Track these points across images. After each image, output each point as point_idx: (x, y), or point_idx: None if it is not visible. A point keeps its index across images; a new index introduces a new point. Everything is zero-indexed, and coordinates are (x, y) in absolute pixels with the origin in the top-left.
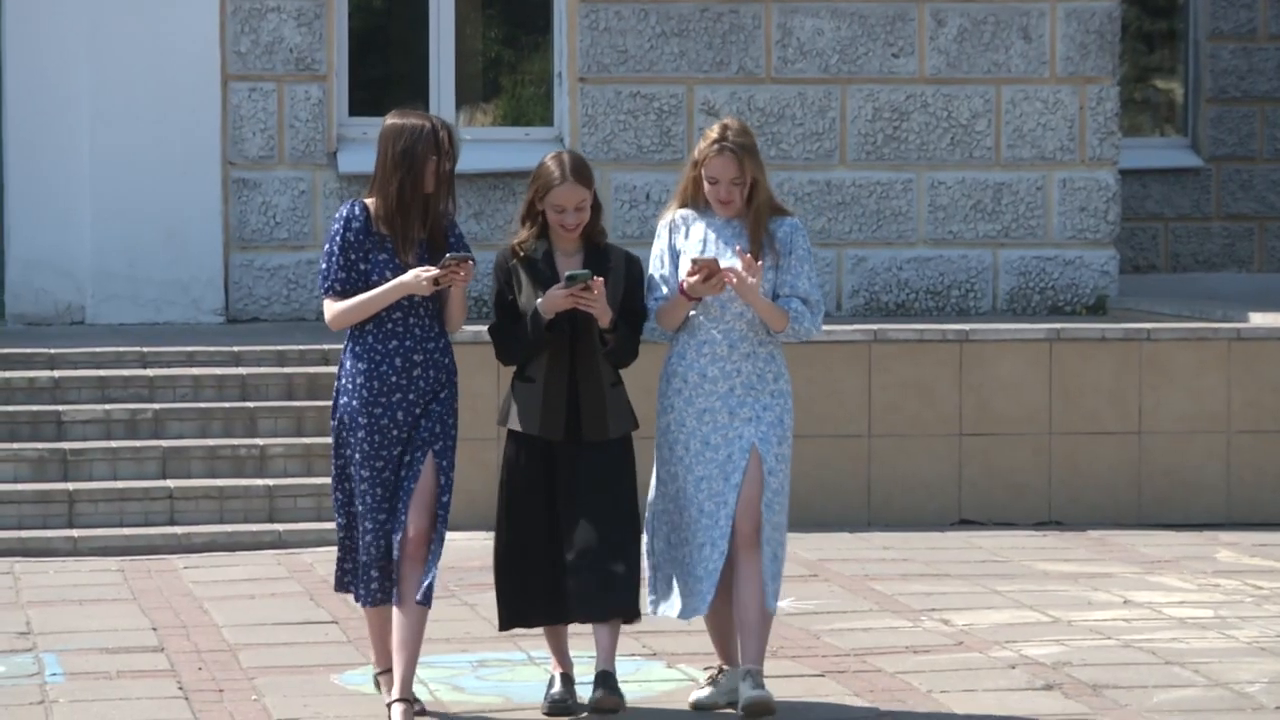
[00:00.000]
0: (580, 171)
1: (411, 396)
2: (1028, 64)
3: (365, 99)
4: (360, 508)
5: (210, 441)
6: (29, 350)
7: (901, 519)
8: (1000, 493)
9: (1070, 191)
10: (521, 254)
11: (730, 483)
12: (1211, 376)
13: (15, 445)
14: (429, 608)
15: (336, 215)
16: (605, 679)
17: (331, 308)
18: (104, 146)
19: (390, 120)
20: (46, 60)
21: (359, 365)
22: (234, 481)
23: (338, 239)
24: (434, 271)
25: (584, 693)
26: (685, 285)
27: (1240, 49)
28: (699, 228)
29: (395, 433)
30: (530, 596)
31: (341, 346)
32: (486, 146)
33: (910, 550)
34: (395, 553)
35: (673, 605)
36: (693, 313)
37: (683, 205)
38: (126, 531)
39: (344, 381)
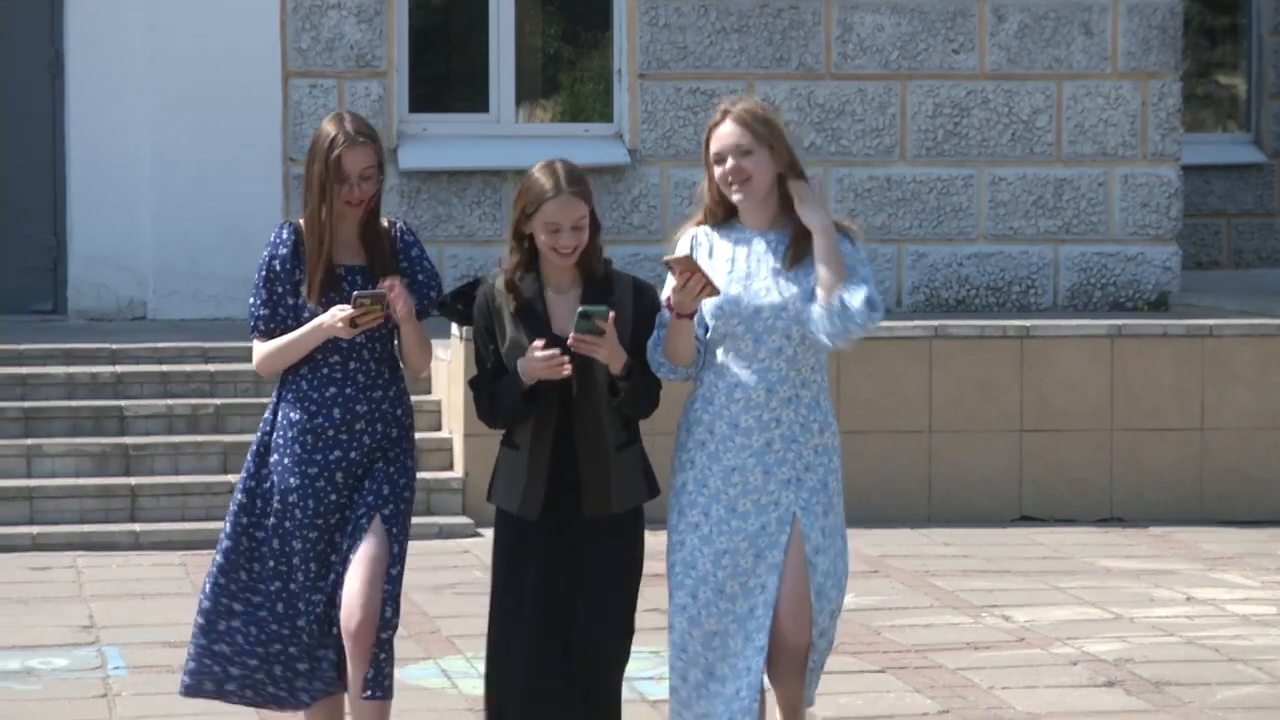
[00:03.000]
0: (577, 182)
1: (354, 455)
2: (1089, 60)
3: (426, 95)
4: (292, 586)
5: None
6: (92, 346)
7: (962, 515)
8: (1061, 489)
9: (1132, 187)
10: (507, 291)
11: (767, 562)
12: (1274, 373)
13: (78, 440)
14: (390, 700)
15: (269, 239)
16: None
17: (257, 351)
18: (165, 143)
19: (322, 122)
20: (108, 57)
21: (290, 415)
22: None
23: (263, 271)
24: (350, 310)
25: None
26: (670, 302)
27: None
28: (724, 245)
29: (334, 497)
30: (510, 697)
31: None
32: (546, 143)
33: (971, 546)
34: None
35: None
36: (726, 351)
37: (705, 221)
38: (188, 526)
39: (274, 435)
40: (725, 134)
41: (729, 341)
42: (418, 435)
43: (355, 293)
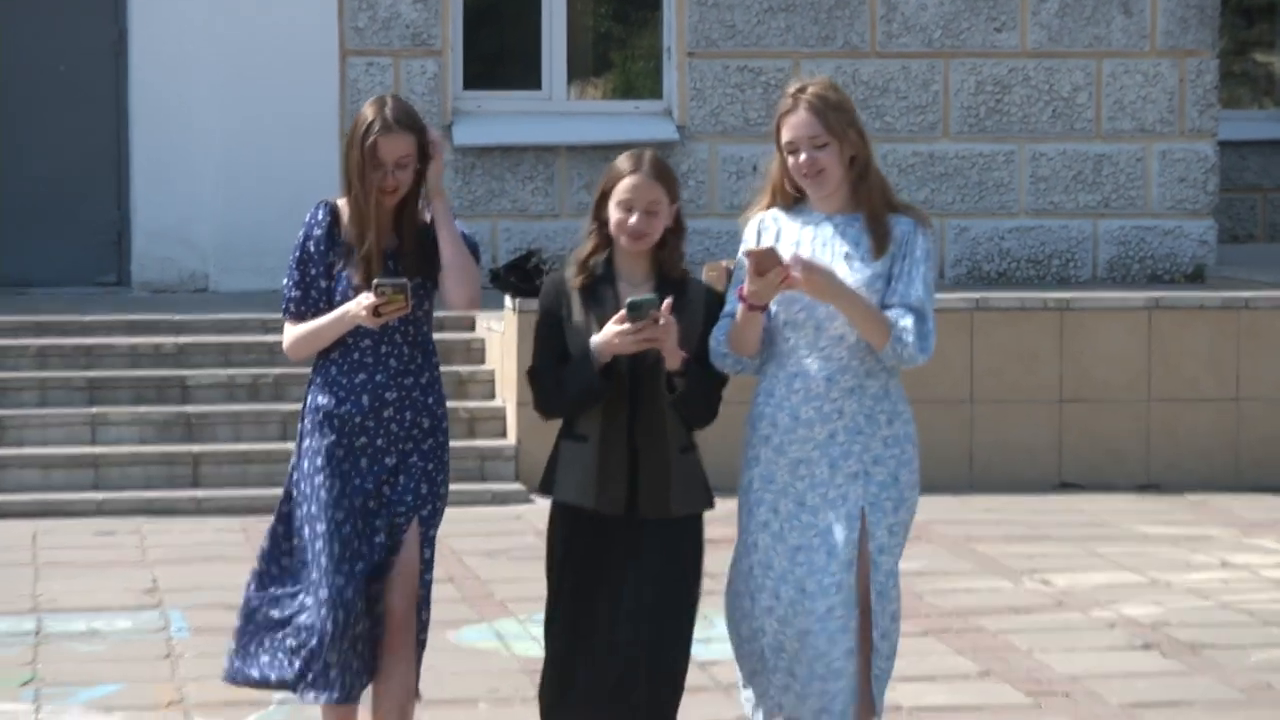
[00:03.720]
0: (658, 167)
1: (380, 442)
2: (1128, 38)
3: (480, 73)
4: (314, 573)
5: None
6: (155, 317)
7: (1003, 482)
8: (1100, 457)
9: (1169, 163)
10: (578, 271)
11: (839, 560)
12: None
13: (142, 409)
14: (419, 700)
15: (305, 218)
16: None
17: (287, 334)
18: (226, 120)
19: (363, 107)
20: (170, 36)
21: (319, 400)
22: None
23: (296, 252)
24: (374, 299)
25: None
26: (744, 292)
27: None
28: (792, 228)
29: (358, 482)
30: (570, 705)
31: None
32: (597, 119)
33: (1011, 513)
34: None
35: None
36: (787, 339)
37: (774, 203)
38: (248, 492)
39: (305, 422)
40: (798, 124)
41: (790, 329)
42: (472, 404)
43: (376, 280)
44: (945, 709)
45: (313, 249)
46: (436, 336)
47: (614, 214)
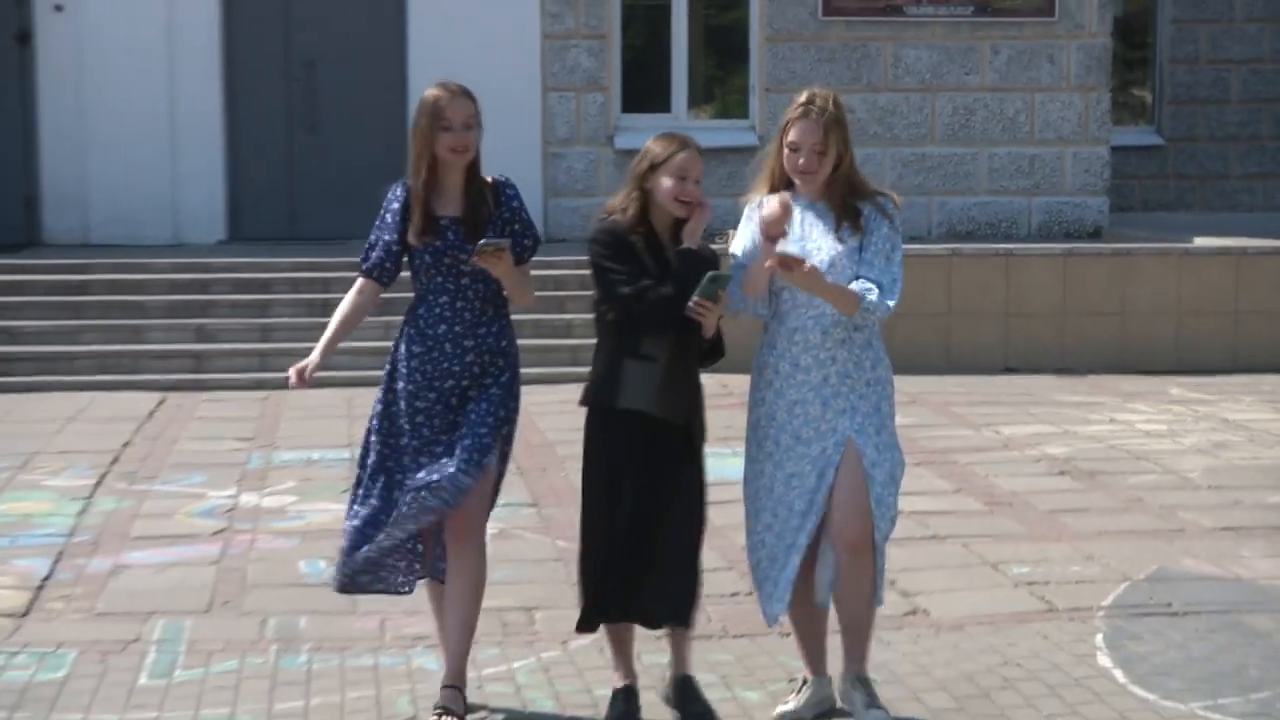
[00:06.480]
0: (698, 149)
1: (465, 382)
2: (1052, 79)
3: (633, 101)
4: (399, 475)
5: (536, 315)
6: None
7: (968, 367)
8: (1032, 351)
9: (1078, 160)
10: (632, 231)
11: (824, 480)
12: (1171, 277)
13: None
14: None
15: (386, 194)
16: (686, 687)
17: (353, 290)
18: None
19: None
20: (438, 75)
21: (411, 348)
22: (550, 340)
23: (377, 222)
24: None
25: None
26: (762, 224)
27: (1187, 65)
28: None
29: (451, 417)
30: (609, 589)
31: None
32: (707, 132)
33: (973, 387)
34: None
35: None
36: (785, 300)
37: (772, 188)
38: None
39: (397, 365)
40: (806, 131)
41: (789, 292)
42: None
43: (483, 241)
44: (930, 512)
45: (389, 219)
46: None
47: (669, 184)
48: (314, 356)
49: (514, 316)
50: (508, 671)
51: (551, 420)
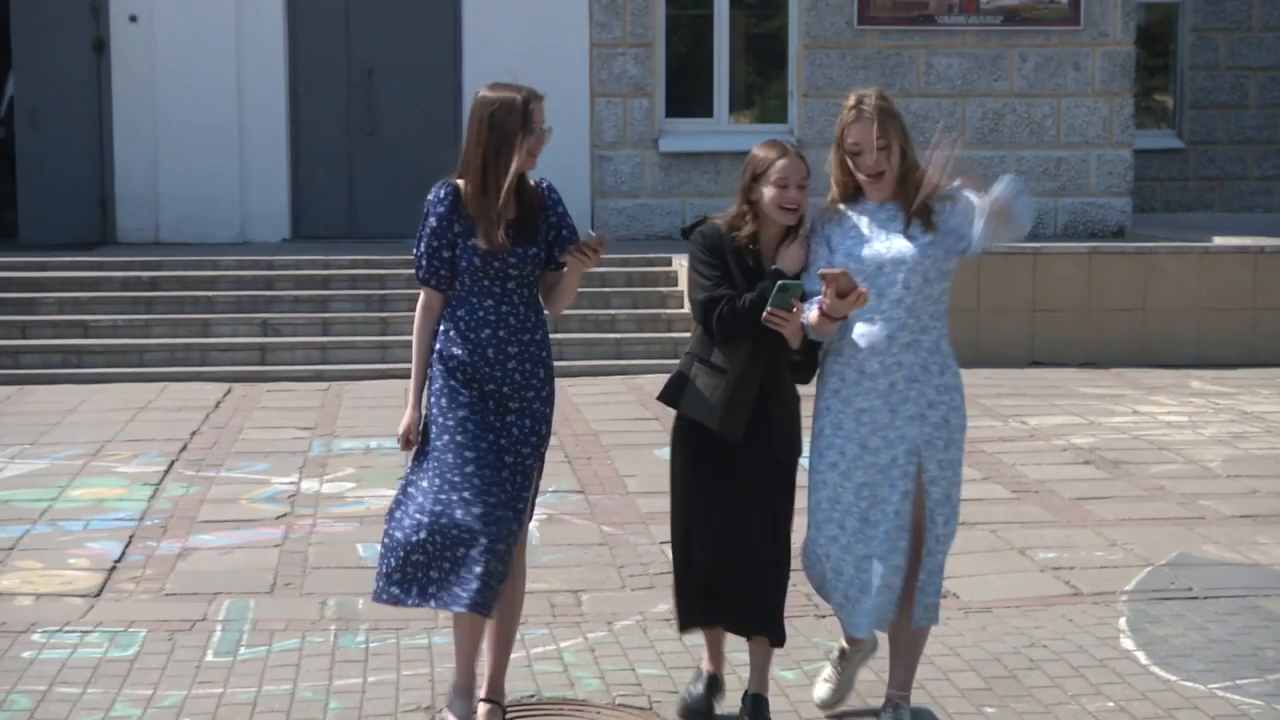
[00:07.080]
0: (799, 151)
1: (505, 389)
2: (1078, 85)
3: (676, 106)
4: (467, 494)
5: (583, 311)
6: None
7: (997, 360)
8: (1058, 345)
9: (1103, 163)
10: (748, 244)
11: (899, 490)
12: (1190, 277)
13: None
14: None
15: (429, 197)
16: (756, 707)
17: (420, 307)
18: None
19: (482, 93)
20: (489, 76)
21: (453, 351)
22: (596, 335)
23: (423, 228)
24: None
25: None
26: (824, 306)
27: (1207, 72)
28: (851, 215)
29: (491, 419)
30: (694, 593)
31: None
32: (746, 135)
33: (1001, 379)
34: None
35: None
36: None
37: (844, 198)
38: None
39: (437, 366)
40: (864, 129)
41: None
42: (669, 311)
43: (589, 232)
44: (960, 500)
45: (435, 224)
46: (642, 268)
47: (771, 192)
48: (410, 415)
49: (563, 311)
50: (555, 651)
51: (597, 411)
